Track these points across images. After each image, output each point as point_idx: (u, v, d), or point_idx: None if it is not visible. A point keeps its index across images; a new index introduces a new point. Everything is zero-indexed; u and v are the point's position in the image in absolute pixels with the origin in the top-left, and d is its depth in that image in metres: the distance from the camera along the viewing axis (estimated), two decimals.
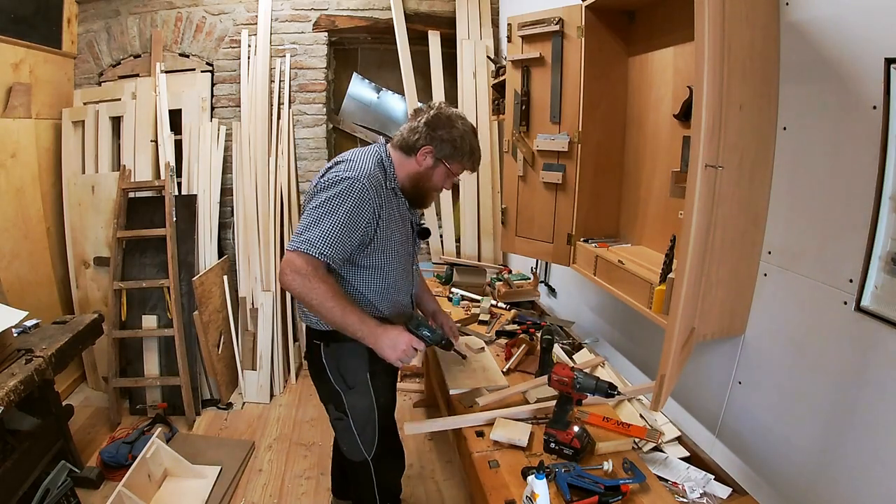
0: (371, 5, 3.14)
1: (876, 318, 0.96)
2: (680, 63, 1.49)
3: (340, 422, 1.58)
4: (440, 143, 1.43)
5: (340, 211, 1.31)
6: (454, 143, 1.43)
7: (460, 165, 1.48)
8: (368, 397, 1.54)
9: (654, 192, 1.65)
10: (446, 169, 1.46)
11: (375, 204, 1.36)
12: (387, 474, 1.70)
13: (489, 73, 3.04)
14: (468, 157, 1.47)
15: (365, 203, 1.34)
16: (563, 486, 1.19)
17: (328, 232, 1.30)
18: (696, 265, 1.05)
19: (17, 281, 2.59)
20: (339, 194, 1.32)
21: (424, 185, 1.47)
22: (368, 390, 1.53)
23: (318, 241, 1.29)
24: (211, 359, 2.83)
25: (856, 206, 0.99)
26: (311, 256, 1.29)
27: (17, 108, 2.65)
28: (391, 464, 1.73)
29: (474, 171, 1.55)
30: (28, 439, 1.90)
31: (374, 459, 1.61)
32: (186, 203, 2.90)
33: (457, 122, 1.44)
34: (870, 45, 0.95)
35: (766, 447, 1.25)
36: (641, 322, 1.76)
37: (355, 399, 1.54)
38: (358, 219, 1.34)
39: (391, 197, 1.44)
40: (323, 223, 1.31)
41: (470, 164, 1.50)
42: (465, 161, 1.48)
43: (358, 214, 1.33)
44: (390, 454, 1.70)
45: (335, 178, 1.35)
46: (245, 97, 3.05)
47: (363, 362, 1.50)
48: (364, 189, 1.33)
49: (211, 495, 2.14)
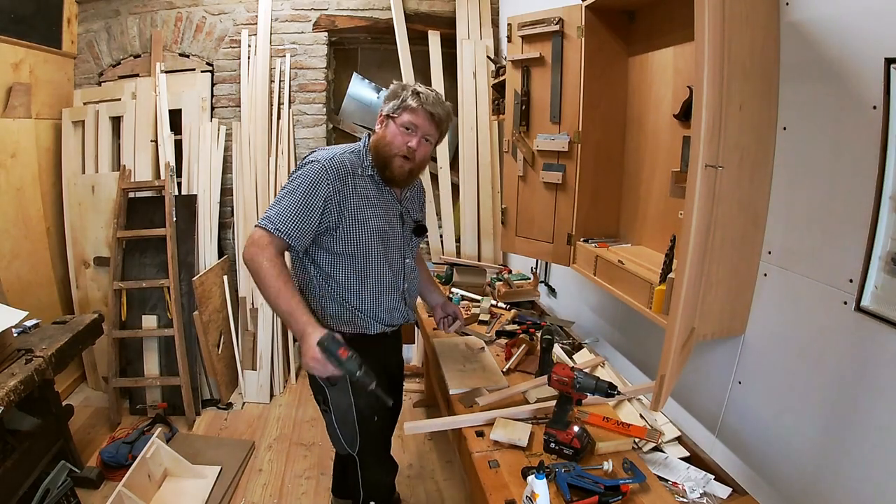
0: (371, 5, 3.14)
1: (876, 318, 0.96)
2: (680, 63, 1.49)
3: (325, 414, 1.60)
4: (386, 102, 1.46)
5: (298, 190, 1.36)
6: (396, 94, 1.45)
7: (406, 112, 1.43)
8: (347, 396, 1.53)
9: (654, 192, 1.65)
10: (395, 123, 1.44)
11: (335, 184, 1.38)
12: (373, 473, 1.68)
13: (489, 73, 3.04)
14: (411, 98, 1.42)
15: (321, 182, 1.36)
16: (563, 486, 1.19)
17: (286, 209, 1.35)
18: (696, 265, 1.05)
19: (17, 281, 2.60)
20: (300, 175, 1.39)
21: (383, 150, 1.45)
22: (347, 389, 1.52)
23: (276, 218, 1.34)
24: (211, 359, 2.83)
25: (856, 205, 0.99)
26: (269, 232, 1.33)
27: (17, 108, 2.65)
28: (378, 465, 1.70)
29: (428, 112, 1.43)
30: (28, 439, 1.90)
31: (359, 455, 1.61)
32: (186, 203, 2.90)
33: (408, 85, 1.47)
34: (870, 45, 0.95)
35: (766, 447, 1.25)
36: (641, 322, 1.76)
37: (336, 395, 1.53)
38: (313, 198, 1.36)
39: (368, 184, 1.46)
40: (283, 202, 1.36)
41: (415, 104, 1.42)
42: (409, 103, 1.42)
43: (314, 193, 1.36)
44: (376, 456, 1.67)
45: (302, 164, 1.44)
46: (245, 97, 3.05)
47: None
48: (322, 169, 1.38)
49: (211, 495, 2.14)
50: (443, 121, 1.47)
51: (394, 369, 1.79)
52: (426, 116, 1.43)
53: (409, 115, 1.42)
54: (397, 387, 1.88)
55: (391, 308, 1.55)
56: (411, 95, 1.42)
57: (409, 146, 1.43)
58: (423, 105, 1.42)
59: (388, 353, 1.72)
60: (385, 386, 1.52)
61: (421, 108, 1.42)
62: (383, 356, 1.65)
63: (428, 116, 1.43)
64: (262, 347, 2.97)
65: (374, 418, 1.56)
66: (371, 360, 1.41)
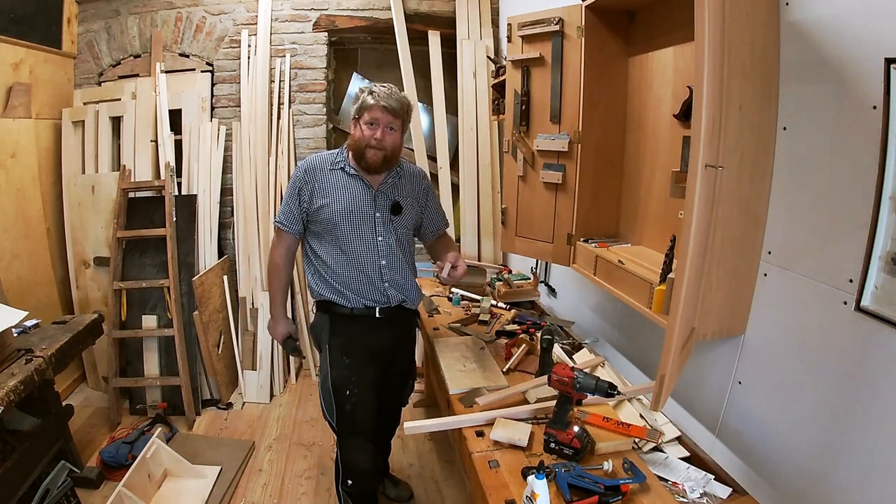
0: (371, 5, 3.14)
1: (876, 318, 0.96)
2: (680, 63, 1.49)
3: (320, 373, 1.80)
4: (352, 108, 1.70)
5: (287, 189, 1.77)
6: (357, 97, 1.69)
7: (367, 110, 1.63)
8: (325, 365, 1.74)
9: (654, 192, 1.65)
10: (360, 122, 1.65)
11: (305, 178, 1.71)
12: (349, 453, 1.76)
13: (489, 73, 3.04)
14: (367, 95, 1.63)
15: (296, 180, 1.72)
16: (563, 486, 1.19)
17: (283, 204, 1.77)
18: (696, 265, 1.05)
19: (17, 281, 2.59)
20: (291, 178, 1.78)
21: (355, 144, 1.67)
22: (326, 358, 1.73)
23: (279, 213, 1.78)
24: (211, 359, 2.83)
25: (856, 205, 0.99)
26: (276, 225, 1.78)
27: (17, 108, 2.65)
28: (354, 446, 1.76)
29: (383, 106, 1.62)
30: (28, 439, 1.90)
31: (338, 427, 1.74)
32: (186, 203, 2.90)
33: (368, 86, 1.68)
34: (870, 45, 0.95)
35: (766, 447, 1.25)
36: (641, 322, 1.76)
37: (322, 361, 1.78)
38: (294, 190, 1.72)
39: (339, 176, 1.71)
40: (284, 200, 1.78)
41: (372, 100, 1.62)
42: (366, 100, 1.63)
43: (294, 187, 1.73)
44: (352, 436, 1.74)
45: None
46: (245, 97, 3.05)
47: (325, 333, 1.75)
48: (298, 169, 1.74)
49: (211, 495, 2.14)
50: (398, 110, 1.65)
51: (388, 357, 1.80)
52: (381, 110, 1.63)
53: (368, 113, 1.64)
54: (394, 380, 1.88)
55: (368, 282, 1.70)
56: (367, 95, 1.64)
57: (376, 137, 1.63)
58: (378, 101, 1.62)
59: (377, 335, 1.75)
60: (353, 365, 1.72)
61: (377, 104, 1.62)
62: (368, 337, 1.74)
63: (383, 109, 1.62)
64: (262, 347, 2.97)
65: (345, 391, 1.70)
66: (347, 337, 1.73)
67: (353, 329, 1.73)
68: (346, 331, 1.73)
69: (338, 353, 1.72)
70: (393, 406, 2.00)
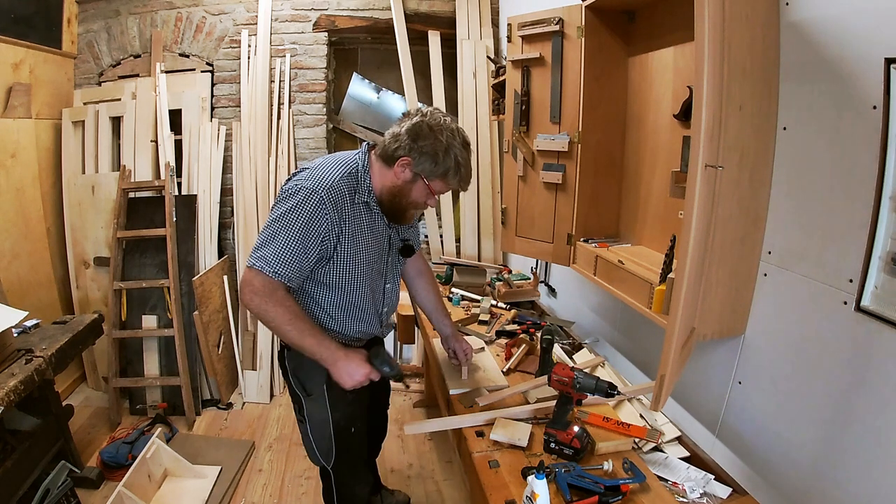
0: (371, 5, 3.14)
1: (876, 318, 0.96)
2: (680, 63, 1.49)
3: (301, 424, 1.56)
4: (419, 156, 1.29)
5: (296, 227, 1.25)
6: (435, 157, 1.29)
7: (443, 183, 1.34)
8: (324, 410, 1.48)
9: (654, 192, 1.65)
10: (426, 185, 1.33)
11: (334, 219, 1.28)
12: (347, 487, 1.63)
13: (489, 73, 3.04)
14: (452, 173, 1.31)
15: (322, 218, 1.27)
16: (563, 486, 1.19)
17: (283, 249, 1.25)
18: (696, 265, 1.05)
19: (17, 281, 2.59)
20: (296, 207, 1.26)
21: (402, 200, 1.35)
22: (325, 402, 1.48)
23: (273, 260, 1.25)
24: (211, 359, 2.83)
25: (856, 205, 0.99)
26: (268, 277, 1.26)
27: (17, 108, 2.65)
28: (353, 478, 1.64)
29: (462, 189, 1.40)
30: (28, 439, 1.90)
31: (334, 469, 1.57)
32: (186, 203, 2.90)
33: (442, 133, 1.29)
34: (870, 45, 0.95)
35: (766, 447, 1.25)
36: (641, 322, 1.76)
37: (312, 407, 1.50)
38: (312, 234, 1.27)
39: (361, 211, 1.34)
40: (278, 239, 1.26)
41: (455, 182, 1.34)
42: (450, 178, 1.32)
43: (314, 230, 1.26)
44: (351, 469, 1.62)
45: (294, 188, 1.29)
46: (245, 97, 3.05)
47: (320, 373, 1.41)
48: (321, 202, 1.26)
49: (211, 495, 2.14)
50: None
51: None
52: (457, 185, 1.37)
53: (443, 186, 1.34)
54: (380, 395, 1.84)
55: (365, 328, 1.51)
56: (454, 170, 1.31)
57: (429, 203, 1.38)
58: (461, 182, 1.35)
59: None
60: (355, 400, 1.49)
61: (457, 184, 1.35)
62: None
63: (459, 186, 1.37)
64: (262, 347, 2.97)
65: (350, 430, 1.53)
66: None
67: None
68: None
69: (339, 392, 1.42)
70: (382, 421, 1.93)
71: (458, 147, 1.31)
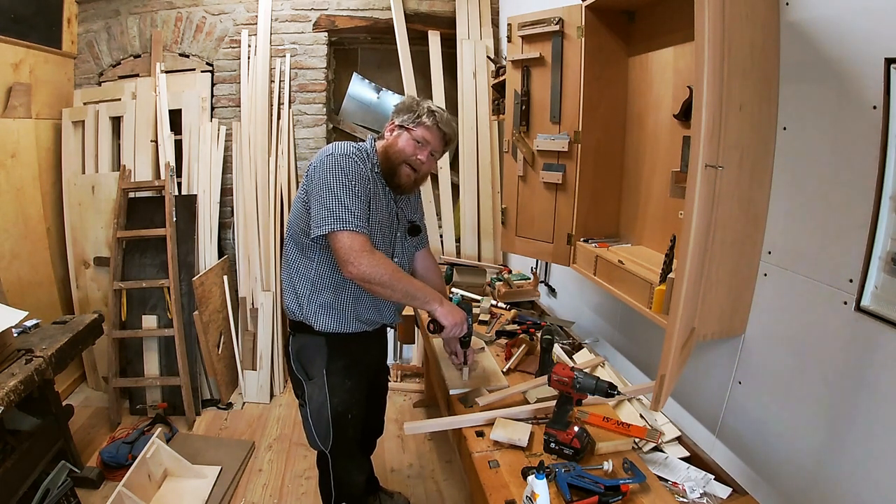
0: (371, 5, 3.14)
1: (876, 318, 0.96)
2: (680, 63, 1.49)
3: (302, 408, 1.64)
4: (398, 113, 1.53)
5: (352, 184, 1.37)
6: (411, 107, 1.50)
7: (423, 129, 1.49)
8: (323, 393, 1.56)
9: (654, 192, 1.65)
10: (409, 134, 1.49)
11: (369, 176, 1.44)
12: (344, 471, 1.69)
13: (489, 73, 3.04)
14: (427, 115, 1.48)
15: (360, 169, 1.41)
16: (563, 486, 1.19)
17: (354, 205, 1.36)
18: (696, 265, 1.05)
19: (17, 281, 2.60)
20: (334, 168, 1.38)
21: (392, 156, 1.49)
22: (324, 386, 1.56)
23: (359, 215, 1.36)
24: (211, 359, 2.83)
25: (856, 205, 0.99)
26: (357, 233, 1.35)
27: (17, 108, 2.65)
28: (349, 462, 1.70)
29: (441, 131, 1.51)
30: (28, 439, 1.90)
31: (332, 453, 1.63)
32: (186, 203, 2.90)
33: (422, 101, 1.52)
34: (870, 45, 0.95)
35: (766, 447, 1.25)
36: (641, 322, 1.76)
37: (312, 390, 1.58)
38: (361, 183, 1.40)
39: (377, 180, 1.50)
40: (346, 198, 1.36)
41: (431, 123, 1.49)
42: (425, 120, 1.48)
43: (362, 185, 1.40)
44: (348, 454, 1.68)
45: (321, 160, 1.42)
46: (245, 97, 3.05)
47: (322, 357, 1.54)
48: (352, 158, 1.41)
49: (211, 495, 2.14)
50: (451, 140, 1.56)
51: (375, 368, 1.79)
52: (439, 135, 1.51)
53: (423, 130, 1.49)
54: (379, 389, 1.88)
55: (373, 308, 1.57)
56: (427, 113, 1.49)
57: (419, 158, 1.50)
58: (438, 123, 1.50)
59: (371, 351, 1.72)
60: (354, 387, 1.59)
61: (436, 126, 1.49)
62: (364, 354, 1.66)
63: (441, 135, 1.51)
64: (262, 347, 2.97)
65: (348, 415, 1.59)
66: (348, 358, 1.54)
67: (353, 349, 1.57)
68: (346, 352, 1.56)
69: (338, 378, 1.55)
70: (379, 416, 1.96)
71: (433, 104, 1.53)
